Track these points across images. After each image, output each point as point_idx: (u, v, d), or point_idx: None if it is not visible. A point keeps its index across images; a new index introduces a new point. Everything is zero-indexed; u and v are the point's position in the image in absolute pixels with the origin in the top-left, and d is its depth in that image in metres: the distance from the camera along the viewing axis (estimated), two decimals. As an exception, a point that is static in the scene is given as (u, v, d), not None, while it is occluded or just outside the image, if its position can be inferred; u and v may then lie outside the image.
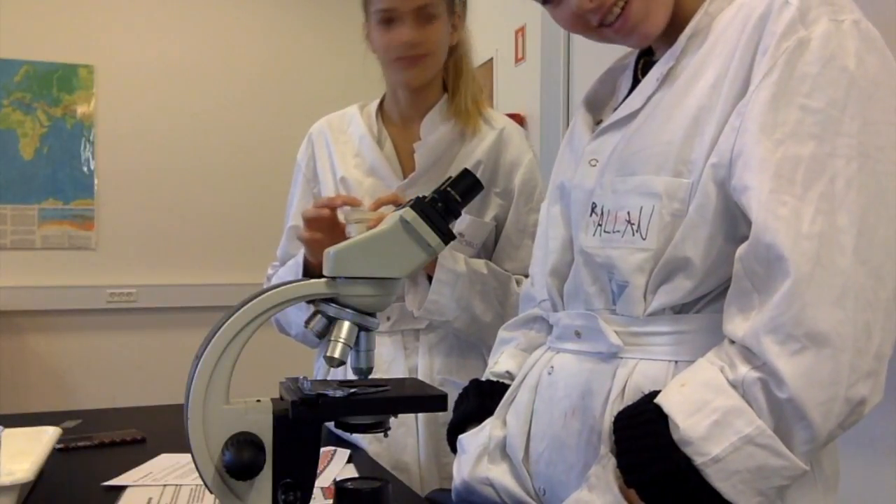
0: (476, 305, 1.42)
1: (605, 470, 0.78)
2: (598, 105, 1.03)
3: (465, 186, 0.90)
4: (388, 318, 1.48)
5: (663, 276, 0.83)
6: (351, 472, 1.25)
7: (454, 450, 1.06)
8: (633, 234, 0.84)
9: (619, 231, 0.85)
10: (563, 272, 0.96)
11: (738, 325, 0.74)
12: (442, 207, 0.88)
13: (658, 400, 0.76)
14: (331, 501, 1.05)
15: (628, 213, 0.84)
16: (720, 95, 0.80)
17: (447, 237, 0.88)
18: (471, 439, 1.02)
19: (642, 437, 0.75)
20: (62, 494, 1.15)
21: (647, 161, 0.84)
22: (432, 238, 0.87)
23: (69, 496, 1.15)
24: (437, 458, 1.45)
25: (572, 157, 1.00)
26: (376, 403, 0.90)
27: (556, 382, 0.92)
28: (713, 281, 0.81)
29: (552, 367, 0.94)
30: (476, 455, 0.99)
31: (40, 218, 3.48)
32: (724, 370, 0.74)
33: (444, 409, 0.92)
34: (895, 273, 0.73)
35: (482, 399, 1.06)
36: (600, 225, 0.88)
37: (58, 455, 1.31)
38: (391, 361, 1.47)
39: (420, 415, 1.45)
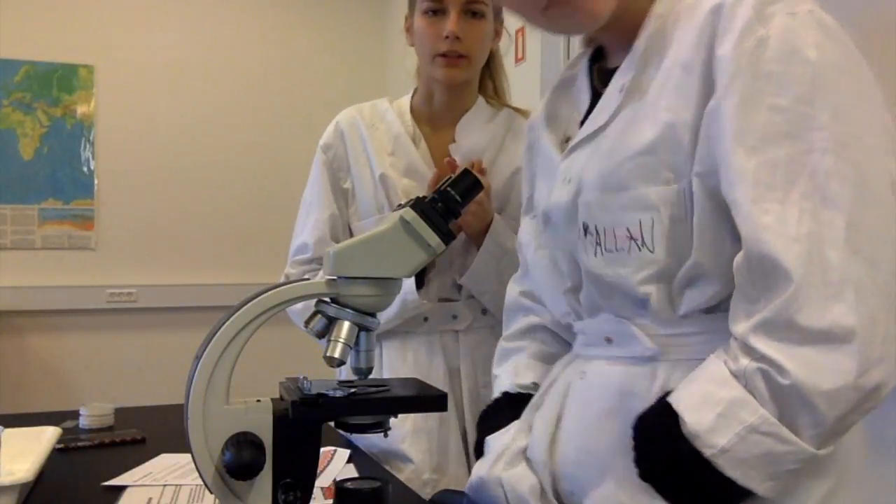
0: None
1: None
2: (559, 120, 1.01)
3: (465, 186, 0.91)
4: (426, 320, 1.46)
5: (685, 282, 0.82)
6: (351, 472, 1.25)
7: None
8: (640, 250, 0.83)
9: (623, 249, 0.84)
10: (576, 286, 0.94)
11: (741, 324, 0.75)
12: (442, 207, 0.88)
13: (669, 397, 0.78)
14: (331, 501, 1.05)
15: (628, 229, 0.84)
16: (688, 98, 0.80)
17: (447, 237, 0.88)
18: (496, 440, 1.01)
19: (654, 432, 0.77)
20: (62, 494, 1.15)
21: (634, 174, 0.83)
22: (432, 238, 0.87)
23: (69, 496, 1.15)
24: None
25: (543, 177, 0.99)
26: (376, 403, 0.90)
27: (590, 386, 0.91)
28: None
29: (584, 372, 0.93)
30: (496, 454, 0.99)
31: (40, 218, 3.48)
32: (728, 362, 0.75)
33: (445, 408, 0.92)
34: (889, 255, 0.73)
35: (514, 413, 1.04)
36: (599, 244, 0.87)
37: (58, 455, 1.31)
38: (430, 364, 1.45)
39: (467, 420, 1.44)
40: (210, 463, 0.86)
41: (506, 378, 1.10)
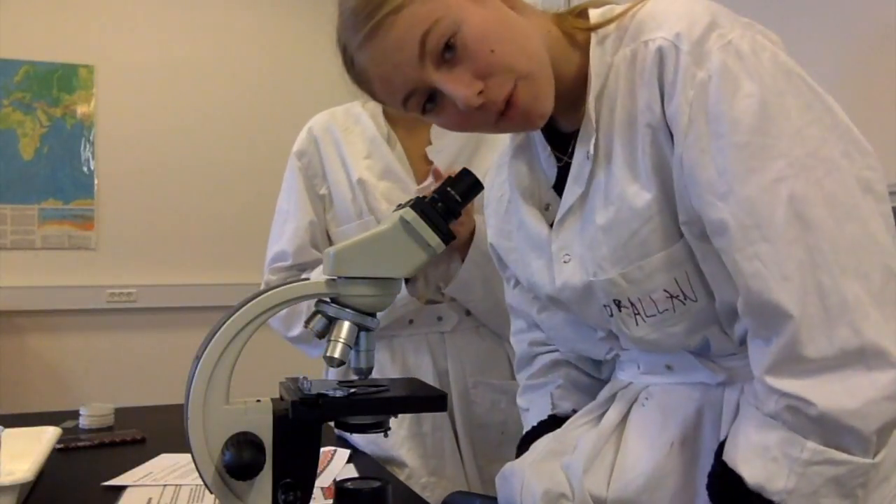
0: (501, 290, 1.39)
1: None
2: (532, 190, 0.99)
3: (465, 186, 0.91)
4: (411, 322, 1.45)
5: (730, 316, 0.82)
6: (351, 472, 1.25)
7: None
8: (685, 303, 0.83)
9: (667, 309, 0.84)
10: (613, 335, 0.93)
11: (759, 365, 0.76)
12: (442, 207, 0.88)
13: (724, 455, 0.78)
14: (331, 501, 1.05)
15: (665, 290, 0.84)
16: (664, 157, 0.80)
17: (447, 237, 0.88)
18: (541, 444, 1.00)
19: (724, 496, 0.77)
20: (62, 494, 1.15)
21: (650, 241, 0.83)
22: (432, 238, 0.87)
23: (69, 496, 1.15)
24: (475, 462, 1.43)
25: (531, 252, 0.96)
26: (376, 403, 0.90)
27: (656, 413, 0.90)
28: None
29: (647, 398, 0.92)
30: (539, 454, 0.98)
31: (40, 218, 3.48)
32: (759, 406, 0.76)
33: (445, 408, 0.92)
34: (876, 261, 0.73)
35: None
36: (639, 314, 0.86)
37: (58, 455, 1.31)
38: (418, 366, 1.44)
39: (458, 420, 1.43)
40: (210, 463, 0.85)
41: (539, 409, 1.07)
